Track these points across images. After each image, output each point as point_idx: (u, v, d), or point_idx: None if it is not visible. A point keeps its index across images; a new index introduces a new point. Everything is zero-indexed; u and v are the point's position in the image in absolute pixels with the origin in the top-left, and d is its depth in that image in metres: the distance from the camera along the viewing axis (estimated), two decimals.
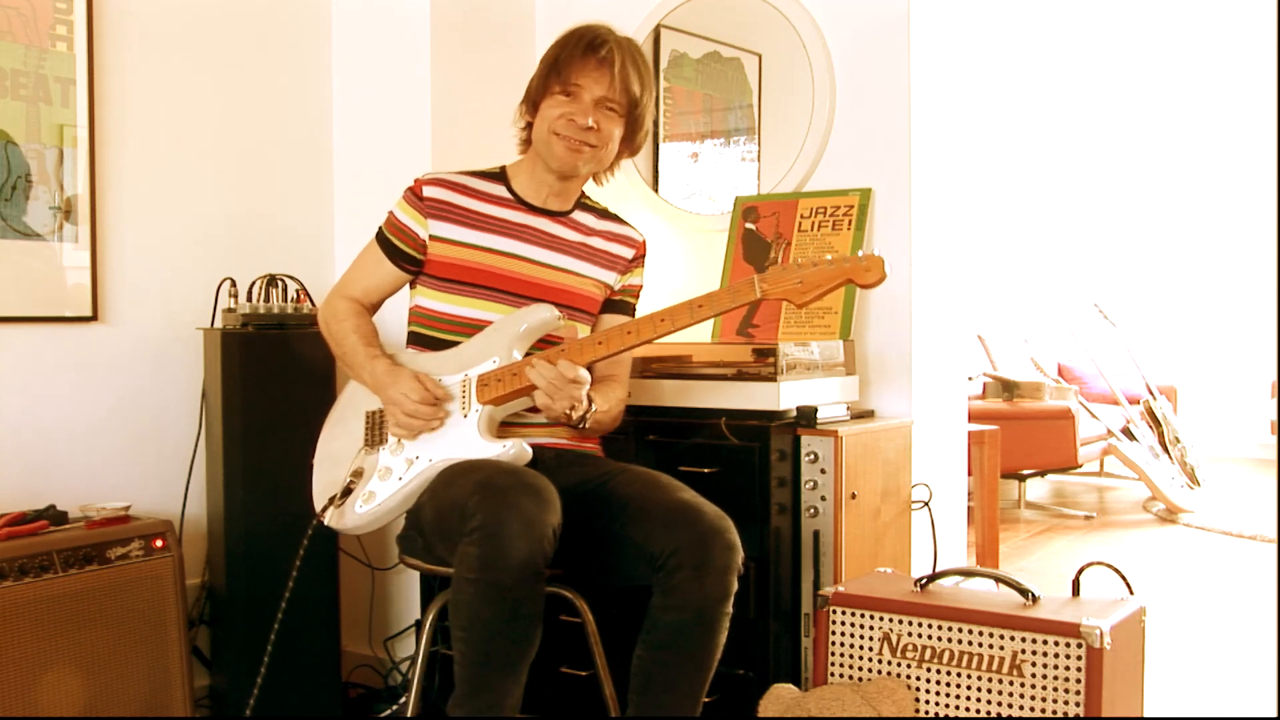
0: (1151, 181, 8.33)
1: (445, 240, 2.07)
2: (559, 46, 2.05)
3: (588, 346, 1.93)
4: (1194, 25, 7.13)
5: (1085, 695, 1.79)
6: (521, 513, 1.68)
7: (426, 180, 2.09)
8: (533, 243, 2.09)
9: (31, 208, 2.44)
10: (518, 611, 1.70)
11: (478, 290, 2.05)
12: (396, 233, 2.09)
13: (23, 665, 2.15)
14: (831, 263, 1.85)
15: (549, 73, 2.04)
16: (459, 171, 2.14)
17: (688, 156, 2.96)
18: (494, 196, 2.11)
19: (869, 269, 1.84)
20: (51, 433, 2.50)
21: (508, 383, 1.94)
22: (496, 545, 1.66)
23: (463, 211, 2.08)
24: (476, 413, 1.95)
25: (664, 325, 1.89)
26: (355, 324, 2.09)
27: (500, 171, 2.16)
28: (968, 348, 4.14)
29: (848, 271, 1.85)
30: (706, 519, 1.81)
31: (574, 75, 2.02)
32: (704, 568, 1.77)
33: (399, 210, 2.10)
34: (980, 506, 4.00)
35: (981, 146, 6.96)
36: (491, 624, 1.70)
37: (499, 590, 1.68)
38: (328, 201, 3.02)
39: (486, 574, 1.67)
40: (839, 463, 2.21)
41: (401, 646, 2.91)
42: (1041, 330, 7.68)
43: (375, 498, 1.96)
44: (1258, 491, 6.48)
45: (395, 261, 2.10)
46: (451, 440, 1.96)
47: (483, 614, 1.69)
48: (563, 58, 2.03)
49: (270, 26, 2.89)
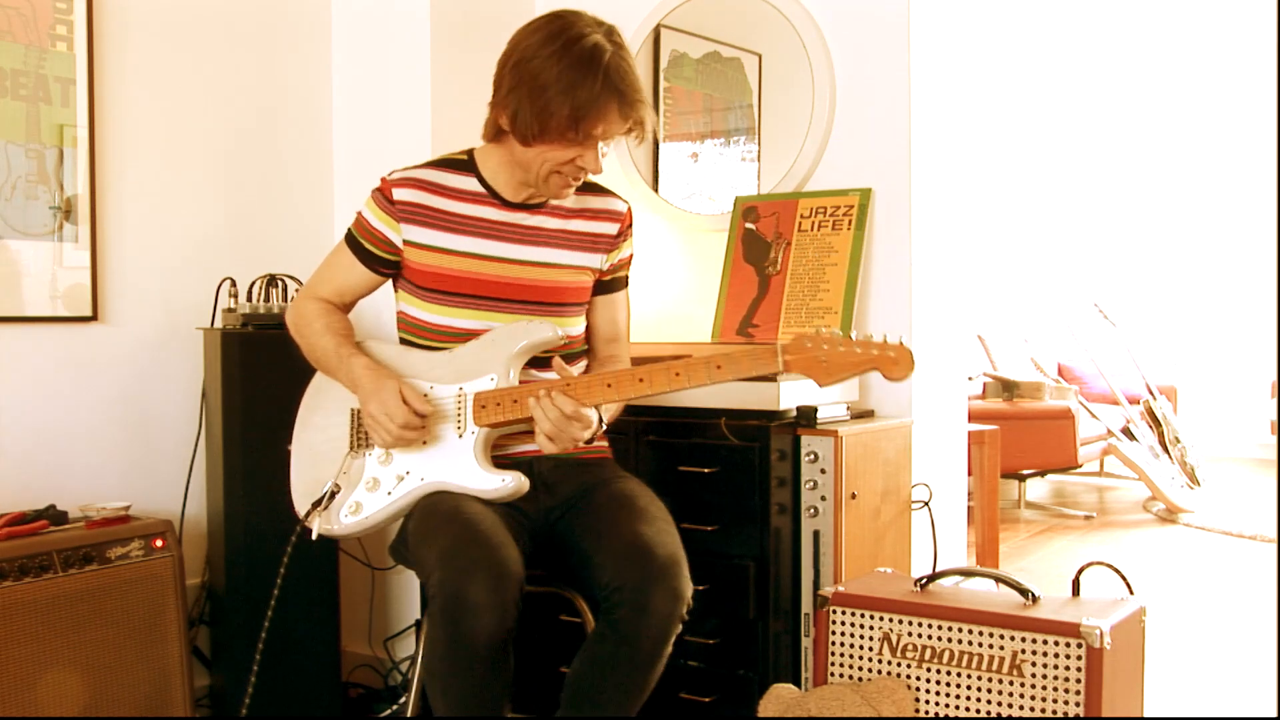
0: (1151, 181, 8.33)
1: (421, 246, 1.97)
2: (570, 75, 1.81)
3: (595, 387, 1.83)
4: (1194, 25, 7.13)
5: (1085, 695, 1.79)
6: (480, 596, 1.65)
7: (395, 181, 1.97)
8: (512, 240, 1.99)
9: (31, 208, 2.44)
10: (491, 678, 1.72)
11: (463, 299, 1.97)
12: (368, 237, 1.99)
13: (23, 665, 2.15)
14: (860, 350, 1.77)
15: (564, 119, 1.82)
16: (425, 165, 2.01)
17: (688, 156, 2.96)
18: (467, 193, 1.98)
19: (898, 363, 1.75)
20: (52, 433, 2.50)
21: (508, 409, 1.86)
22: (460, 625, 1.66)
23: (436, 214, 1.97)
24: (473, 435, 1.88)
25: (679, 380, 1.81)
26: (327, 322, 1.99)
27: (468, 159, 2.02)
28: (968, 348, 4.14)
29: (875, 361, 1.76)
30: (656, 561, 1.75)
31: (594, 125, 1.84)
32: (645, 611, 1.73)
33: (369, 213, 1.99)
34: (980, 506, 4.00)
35: (981, 146, 6.96)
36: (465, 693, 1.72)
37: (468, 663, 1.69)
38: (328, 201, 3.02)
39: (454, 650, 1.68)
40: (839, 463, 2.21)
41: (401, 646, 2.91)
42: (1041, 330, 7.68)
43: (362, 510, 1.91)
44: (1258, 491, 6.48)
45: (368, 265, 2.01)
46: (447, 463, 1.89)
47: (453, 685, 1.72)
48: (582, 102, 1.80)
49: (270, 26, 2.89)
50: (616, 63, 1.83)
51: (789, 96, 2.73)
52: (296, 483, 2.01)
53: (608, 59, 1.82)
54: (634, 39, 2.92)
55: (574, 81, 1.81)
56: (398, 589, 2.93)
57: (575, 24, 1.86)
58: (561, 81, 1.81)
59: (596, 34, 1.85)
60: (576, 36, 1.84)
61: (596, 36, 1.84)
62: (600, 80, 1.81)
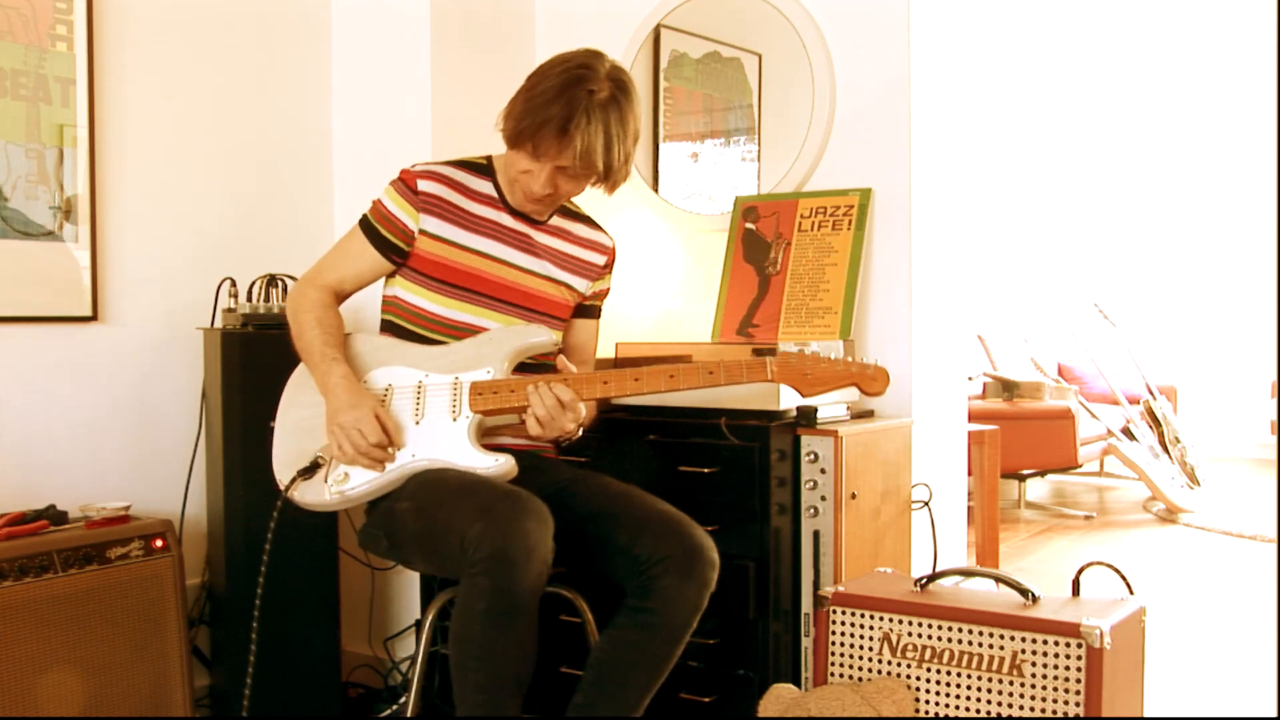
0: (1151, 182, 8.33)
1: (436, 238, 2.04)
2: (551, 94, 1.91)
3: (592, 382, 1.93)
4: (1194, 25, 7.13)
5: (1085, 695, 1.79)
6: (527, 539, 1.70)
7: (420, 173, 2.05)
8: (517, 248, 2.09)
9: (31, 208, 2.44)
10: (528, 633, 1.74)
11: (463, 293, 2.05)
12: (384, 223, 2.05)
13: (23, 665, 2.15)
14: (841, 368, 1.95)
15: (520, 128, 1.93)
16: (449, 163, 2.10)
17: (688, 156, 2.96)
18: (484, 196, 2.08)
19: (875, 379, 1.96)
20: (52, 432, 2.50)
21: (504, 397, 1.92)
22: (507, 574, 1.68)
23: (456, 210, 2.05)
24: (467, 420, 1.93)
25: (673, 382, 1.94)
26: (319, 315, 2.02)
27: (487, 164, 2.12)
28: (968, 348, 4.14)
29: (854, 377, 1.95)
30: (697, 535, 1.88)
31: (539, 147, 1.94)
32: (689, 579, 1.84)
33: (389, 201, 2.05)
34: (980, 506, 4.00)
35: (982, 146, 6.96)
36: (507, 650, 1.73)
37: (511, 616, 1.71)
38: (328, 201, 3.02)
39: (500, 601, 1.69)
40: (839, 463, 2.21)
41: (401, 646, 2.91)
42: (1041, 330, 7.69)
43: (349, 480, 1.92)
44: (1258, 491, 6.48)
45: (382, 252, 2.06)
46: (439, 442, 1.93)
47: (497, 642, 1.72)
48: (527, 127, 1.92)
49: (270, 26, 2.89)
50: (597, 108, 1.90)
51: (789, 96, 2.73)
52: (280, 453, 2.01)
53: (592, 99, 1.90)
54: (634, 39, 2.92)
55: (549, 101, 1.90)
56: (398, 589, 2.93)
57: (598, 68, 1.94)
58: (543, 96, 1.91)
59: (605, 84, 1.92)
60: (588, 76, 1.92)
61: (602, 83, 1.92)
62: (564, 109, 1.88)
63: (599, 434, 2.31)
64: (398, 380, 1.99)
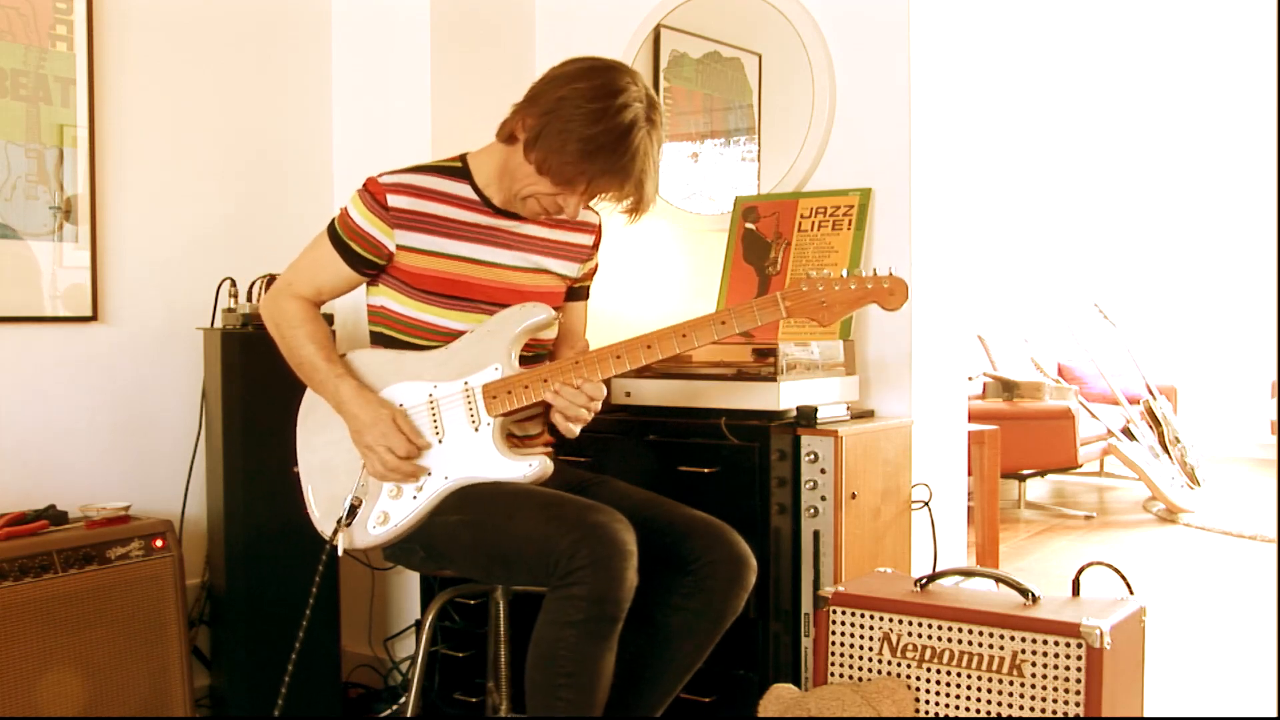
0: (1151, 182, 8.33)
1: (417, 250, 1.95)
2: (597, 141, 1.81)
3: (605, 360, 1.87)
4: (1194, 25, 7.13)
5: (1085, 695, 1.79)
6: (625, 545, 1.68)
7: (389, 186, 1.93)
8: (502, 246, 2.01)
9: (31, 208, 2.44)
10: (617, 641, 1.72)
11: (453, 301, 1.97)
12: (356, 239, 1.95)
13: (23, 665, 2.15)
14: (855, 285, 1.85)
15: (571, 173, 1.85)
16: (418, 169, 1.99)
17: (688, 156, 2.96)
18: (461, 199, 1.98)
19: (894, 293, 1.85)
20: (52, 432, 2.51)
21: (519, 396, 1.87)
22: (609, 582, 1.66)
23: (433, 219, 1.95)
24: (489, 426, 1.88)
25: (686, 341, 1.86)
26: (310, 331, 1.96)
27: (462, 165, 2.01)
28: (968, 348, 4.14)
29: (872, 295, 1.85)
30: (740, 543, 1.89)
31: (594, 192, 1.89)
32: (734, 585, 1.86)
33: (358, 216, 1.94)
34: (980, 506, 4.00)
35: (981, 146, 6.96)
36: (602, 662, 1.70)
37: (609, 625, 1.69)
38: (328, 201, 3.02)
39: (597, 610, 1.66)
40: (839, 463, 2.21)
41: (401, 646, 2.91)
42: (1041, 330, 7.68)
43: (390, 519, 1.89)
44: (1258, 491, 6.48)
45: (355, 267, 1.96)
46: (469, 457, 1.88)
47: (594, 654, 1.69)
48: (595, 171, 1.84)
49: (270, 27, 2.89)
50: (644, 145, 1.85)
51: (789, 96, 2.73)
52: (315, 502, 1.98)
53: (637, 141, 1.84)
54: (634, 39, 2.92)
55: (597, 150, 1.83)
56: (398, 589, 2.93)
57: (623, 89, 1.85)
58: (587, 144, 1.82)
59: (638, 106, 1.85)
60: (620, 107, 1.83)
61: (637, 109, 1.85)
62: (618, 159, 1.84)
63: (599, 434, 2.31)
64: (408, 399, 1.93)
